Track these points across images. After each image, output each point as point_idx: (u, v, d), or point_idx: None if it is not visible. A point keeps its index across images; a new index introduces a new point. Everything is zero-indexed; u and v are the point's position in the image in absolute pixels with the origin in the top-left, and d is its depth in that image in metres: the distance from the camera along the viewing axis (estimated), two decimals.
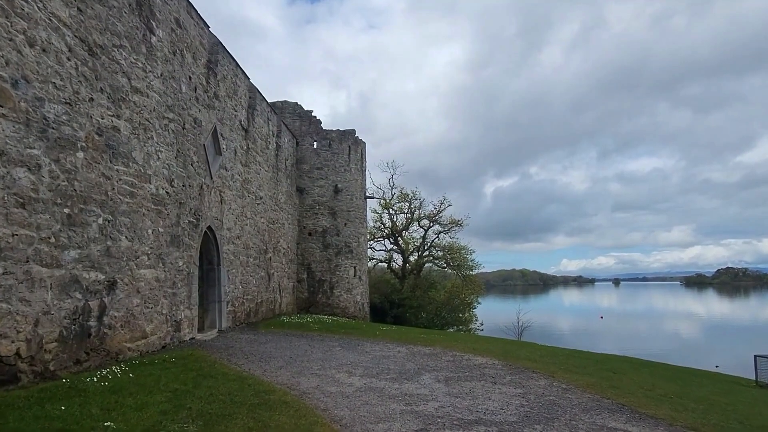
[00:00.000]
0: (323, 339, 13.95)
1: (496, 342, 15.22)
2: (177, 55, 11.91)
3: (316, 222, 25.36)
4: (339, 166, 25.94)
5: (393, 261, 42.39)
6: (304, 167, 25.39)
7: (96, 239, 8.61)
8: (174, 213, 11.69)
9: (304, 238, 25.21)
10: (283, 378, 8.46)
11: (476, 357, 11.21)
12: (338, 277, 25.39)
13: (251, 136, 17.88)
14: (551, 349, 13.76)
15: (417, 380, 8.54)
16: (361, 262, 26.83)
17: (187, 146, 12.48)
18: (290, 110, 25.56)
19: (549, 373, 9.32)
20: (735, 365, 32.32)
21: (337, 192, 25.70)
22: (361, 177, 27.27)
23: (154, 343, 10.66)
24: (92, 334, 8.44)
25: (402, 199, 40.38)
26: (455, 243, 40.88)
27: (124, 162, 9.58)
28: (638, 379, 9.64)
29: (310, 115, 25.73)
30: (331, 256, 25.33)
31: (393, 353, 11.60)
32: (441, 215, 40.20)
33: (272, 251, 20.47)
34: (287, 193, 23.11)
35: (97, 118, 8.72)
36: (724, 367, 31.59)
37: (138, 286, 10.00)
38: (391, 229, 40.86)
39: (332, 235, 25.49)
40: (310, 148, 25.57)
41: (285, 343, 12.82)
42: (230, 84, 15.77)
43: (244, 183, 17.13)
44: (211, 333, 13.84)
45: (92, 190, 8.53)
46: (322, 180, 25.54)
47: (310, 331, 15.68)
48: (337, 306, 25.16)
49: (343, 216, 25.88)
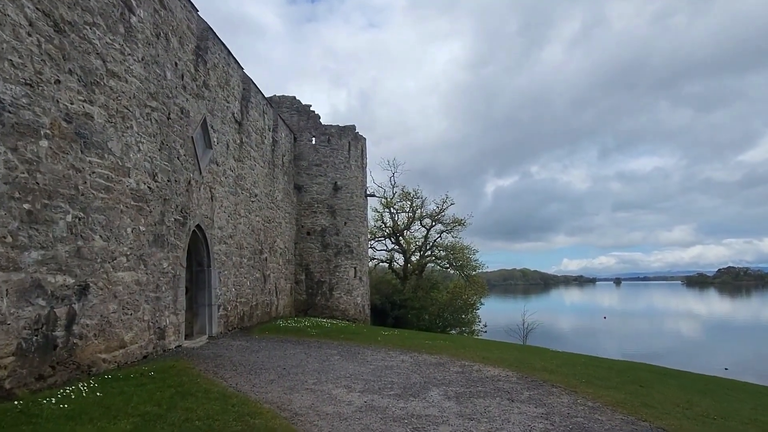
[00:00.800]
0: (321, 346, 13.00)
1: (506, 349, 14.27)
2: (161, 39, 10.95)
3: (315, 221, 24.39)
4: (338, 163, 24.96)
5: (394, 261, 41.45)
6: (302, 164, 24.42)
7: (63, 239, 7.66)
8: (157, 210, 10.74)
9: (303, 238, 24.25)
10: (273, 395, 7.51)
11: (487, 367, 10.25)
12: (338, 278, 24.42)
13: (245, 130, 16.93)
14: (567, 357, 12.80)
15: (424, 397, 7.59)
16: (362, 262, 25.86)
17: (172, 138, 11.52)
18: (287, 105, 24.59)
19: (570, 388, 8.37)
20: (744, 368, 31.47)
21: (336, 189, 24.73)
22: (361, 174, 26.30)
23: (134, 353, 9.71)
24: (59, 345, 7.49)
25: (403, 197, 39.43)
26: (458, 243, 39.94)
27: (99, 153, 8.63)
28: (669, 394, 8.69)
29: (308, 110, 24.76)
30: (330, 257, 24.36)
31: (396, 363, 10.65)
32: (443, 214, 39.24)
33: (268, 251, 19.53)
34: (284, 191, 22.15)
35: (65, 103, 7.77)
36: (733, 369, 30.75)
37: (115, 290, 9.05)
38: (392, 228, 39.89)
39: (332, 235, 24.52)
40: (308, 144, 24.59)
41: (279, 351, 11.86)
42: (222, 73, 14.81)
43: (238, 179, 16.18)
44: (200, 339, 12.89)
45: (59, 184, 7.58)
46: (321, 177, 24.56)
47: (308, 337, 14.73)
48: (337, 308, 24.18)
49: (343, 214, 24.90)
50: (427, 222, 39.77)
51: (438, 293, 38.77)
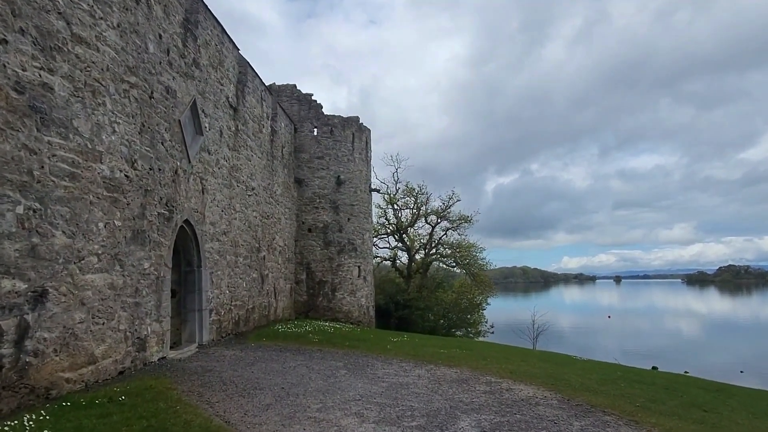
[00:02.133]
0: (324, 356, 11.60)
1: (529, 358, 12.88)
2: (141, 5, 9.50)
3: (317, 217, 22.95)
4: (342, 156, 23.50)
5: (398, 259, 40.02)
6: (303, 156, 22.96)
7: (12, 235, 6.24)
8: (137, 202, 9.32)
9: (303, 235, 22.82)
10: (268, 427, 6.11)
11: (518, 385, 8.85)
12: (341, 277, 22.98)
13: (241, 117, 15.49)
14: (601, 369, 11.40)
15: (453, 429, 6.19)
16: (366, 261, 24.43)
17: (155, 120, 10.10)
18: (287, 93, 23.13)
19: (627, 416, 6.96)
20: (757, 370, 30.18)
21: (339, 184, 23.28)
22: (365, 167, 24.84)
23: (107, 369, 8.31)
24: (5, 366, 6.08)
25: (407, 193, 37.97)
26: (464, 240, 38.52)
27: (61, 132, 7.20)
28: (738, 419, 7.28)
29: (309, 99, 23.30)
30: (333, 255, 22.93)
31: (412, 379, 9.24)
32: (449, 211, 37.79)
33: (266, 249, 18.11)
34: (284, 185, 20.72)
35: (14, 69, 6.34)
36: (750, 372, 29.45)
37: (82, 296, 7.63)
38: (395, 225, 38.47)
39: (334, 232, 23.09)
40: (309, 135, 23.13)
41: (277, 363, 10.46)
42: (214, 52, 13.36)
43: (233, 170, 14.75)
44: (188, 349, 11.48)
45: (5, 168, 6.16)
46: (323, 170, 23.11)
47: (309, 345, 13.34)
48: (340, 310, 22.77)
49: (347, 210, 23.45)
50: (432, 219, 38.35)
51: (443, 293, 37.39)
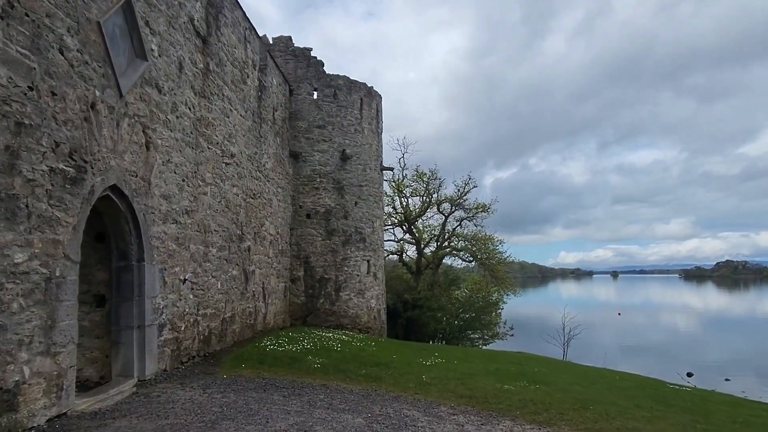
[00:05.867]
0: (332, 401, 7.41)
1: (641, 398, 8.70)
2: None
3: (317, 199, 18.67)
4: (347, 125, 19.19)
5: (405, 253, 35.79)
6: (299, 125, 18.65)
7: None
8: None
9: (301, 222, 18.56)
10: None
11: None
12: (347, 274, 18.74)
13: (214, 54, 11.19)
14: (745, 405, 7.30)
15: None
16: (377, 254, 20.18)
17: (44, 9, 5.82)
18: (281, 48, 18.79)
19: None
20: None
21: (344, 160, 18.99)
22: (376, 141, 20.53)
23: None
24: None
25: (417, 178, 33.64)
26: (480, 231, 34.26)
27: None
28: None
29: (308, 55, 18.97)
30: (336, 247, 18.69)
31: None
32: (465, 198, 33.48)
33: (252, 238, 13.88)
34: (276, 157, 16.45)
35: None
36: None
37: None
38: (403, 214, 34.19)
39: (339, 218, 18.83)
40: (308, 99, 18.80)
41: (258, 422, 6.24)
42: None
43: (201, 124, 10.49)
44: (117, 390, 7.24)
45: None
46: (325, 143, 18.80)
47: (309, 375, 9.13)
48: (345, 314, 18.54)
49: (353, 192, 19.18)
50: (445, 207, 34.07)
51: (458, 290, 33.26)
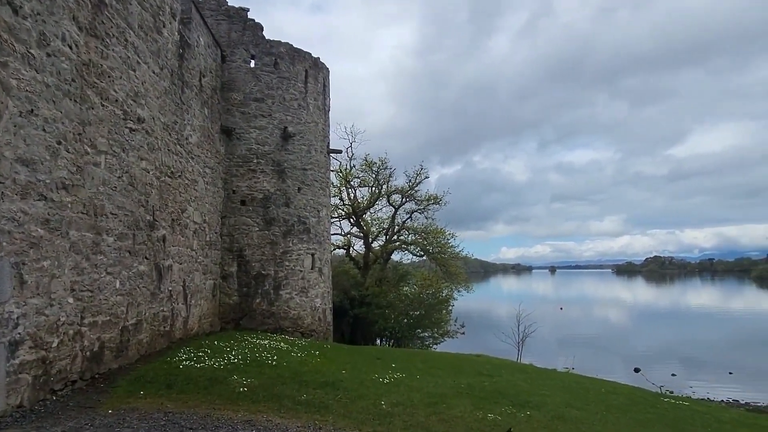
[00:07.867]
0: None
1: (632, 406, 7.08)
2: None
3: (254, 184, 16.13)
4: (290, 100, 16.75)
5: (352, 247, 33.70)
6: (233, 97, 16.02)
7: None
8: None
9: (234, 209, 15.98)
10: None
11: None
12: (288, 270, 16.33)
13: None
14: None
15: None
16: (323, 247, 17.91)
17: None
18: (212, 6, 16.05)
19: None
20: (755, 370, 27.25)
21: (286, 138, 16.56)
22: (323, 119, 18.23)
23: None
24: None
25: (366, 168, 31.59)
26: (431, 224, 32.75)
27: None
28: None
29: (244, 17, 16.35)
30: (276, 238, 16.25)
31: None
32: (417, 189, 31.80)
33: (168, 226, 11.27)
34: (203, 131, 13.82)
35: None
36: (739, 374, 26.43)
37: None
38: (351, 206, 32.07)
39: (279, 206, 16.38)
40: (243, 68, 16.20)
41: None
42: None
43: (89, 72, 7.85)
44: None
45: None
46: (264, 118, 16.28)
47: (229, 406, 6.81)
48: (286, 316, 16.15)
49: (296, 176, 16.80)
50: (395, 199, 32.25)
51: (407, 287, 31.58)
